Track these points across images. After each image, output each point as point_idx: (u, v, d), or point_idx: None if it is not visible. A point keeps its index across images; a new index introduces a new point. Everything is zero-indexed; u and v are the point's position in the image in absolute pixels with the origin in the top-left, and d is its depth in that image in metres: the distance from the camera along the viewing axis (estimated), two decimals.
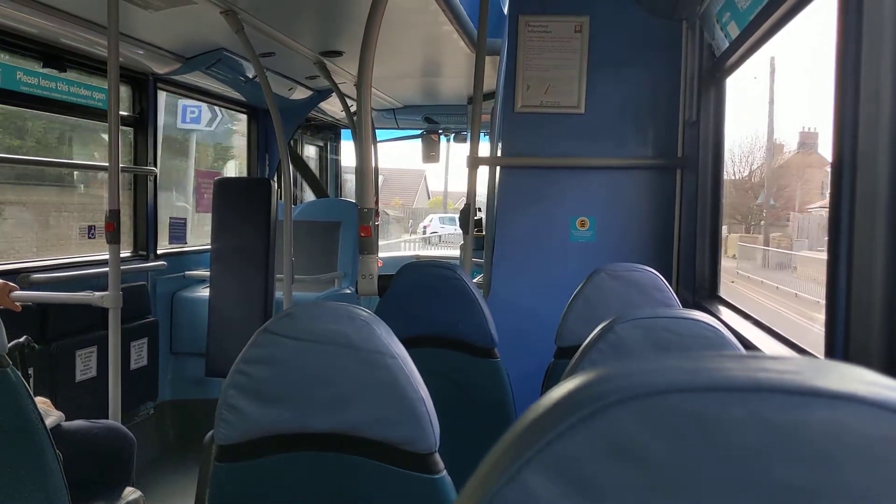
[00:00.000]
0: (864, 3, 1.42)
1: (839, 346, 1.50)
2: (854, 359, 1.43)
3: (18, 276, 3.73)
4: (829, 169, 1.57)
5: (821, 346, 1.67)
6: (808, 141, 14.15)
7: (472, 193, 3.68)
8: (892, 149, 1.38)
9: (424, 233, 26.86)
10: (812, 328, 7.04)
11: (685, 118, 3.43)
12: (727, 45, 2.77)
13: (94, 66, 4.21)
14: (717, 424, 0.44)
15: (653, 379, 0.47)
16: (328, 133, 7.88)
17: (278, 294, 4.72)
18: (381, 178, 8.08)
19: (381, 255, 4.30)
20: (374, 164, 5.64)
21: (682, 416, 0.45)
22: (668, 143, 3.53)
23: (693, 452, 0.44)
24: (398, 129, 7.68)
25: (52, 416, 2.53)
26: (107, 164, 3.36)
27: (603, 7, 3.52)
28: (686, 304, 3.10)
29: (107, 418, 3.32)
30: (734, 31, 2.62)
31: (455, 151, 8.34)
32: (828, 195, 1.62)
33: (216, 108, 6.17)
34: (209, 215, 4.99)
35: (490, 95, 4.80)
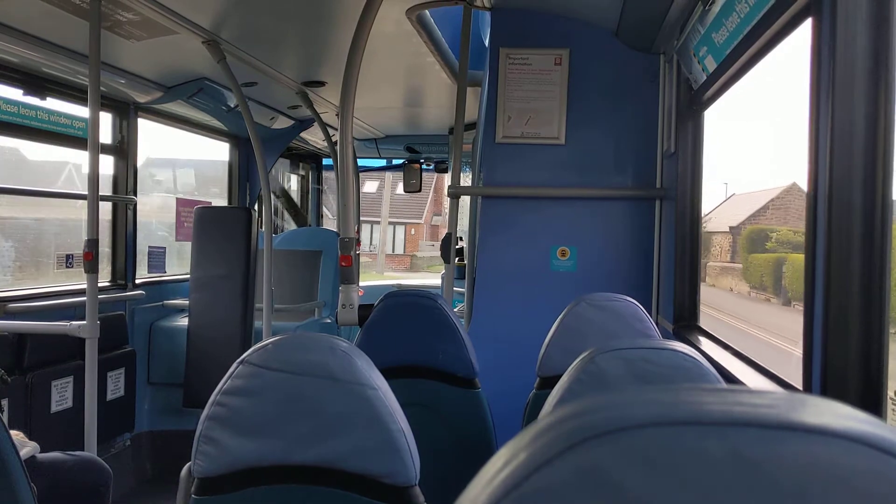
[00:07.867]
0: (837, 38, 1.46)
1: (816, 379, 1.51)
2: (831, 392, 1.44)
3: None
4: None
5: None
6: None
7: (453, 223, 3.69)
8: (866, 185, 1.41)
9: None
10: None
11: (664, 150, 3.47)
12: (704, 78, 2.81)
13: (74, 94, 4.19)
14: (693, 459, 0.44)
15: (630, 413, 0.47)
16: (310, 162, 7.89)
17: (258, 324, 4.68)
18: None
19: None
20: (356, 194, 5.63)
21: (658, 450, 0.45)
22: (648, 173, 3.57)
23: (670, 486, 0.44)
24: (380, 158, 7.72)
25: (26, 447, 2.49)
26: (86, 193, 3.35)
27: (582, 40, 3.57)
28: (666, 334, 3.11)
29: (83, 450, 3.27)
30: (711, 65, 2.66)
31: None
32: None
33: None
34: (189, 244, 4.96)
35: (472, 126, 4.83)
